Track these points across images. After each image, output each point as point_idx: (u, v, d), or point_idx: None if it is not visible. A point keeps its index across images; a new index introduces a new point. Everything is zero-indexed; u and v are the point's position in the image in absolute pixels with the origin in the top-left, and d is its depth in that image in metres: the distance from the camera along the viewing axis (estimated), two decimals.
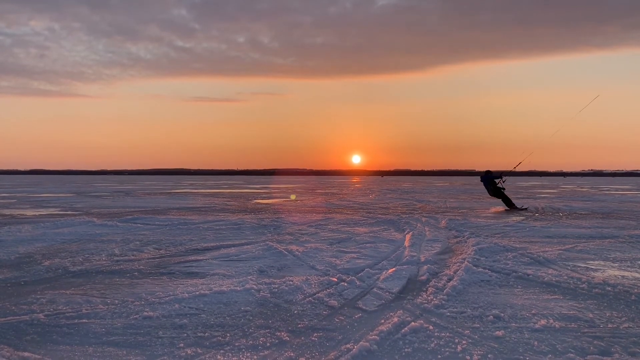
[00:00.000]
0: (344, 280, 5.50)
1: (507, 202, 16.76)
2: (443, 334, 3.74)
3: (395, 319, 4.02)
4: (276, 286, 5.19)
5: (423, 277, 5.72)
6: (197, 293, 4.86)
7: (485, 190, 17.46)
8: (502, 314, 4.25)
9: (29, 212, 15.35)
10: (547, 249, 7.88)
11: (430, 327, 3.87)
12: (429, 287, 5.23)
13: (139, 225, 11.30)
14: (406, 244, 8.41)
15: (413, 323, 3.93)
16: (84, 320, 4.06)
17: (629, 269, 6.35)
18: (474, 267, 6.18)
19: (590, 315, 4.24)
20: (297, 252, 7.39)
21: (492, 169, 17.61)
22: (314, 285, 5.30)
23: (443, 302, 4.65)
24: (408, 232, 9.93)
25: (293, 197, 23.63)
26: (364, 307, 4.50)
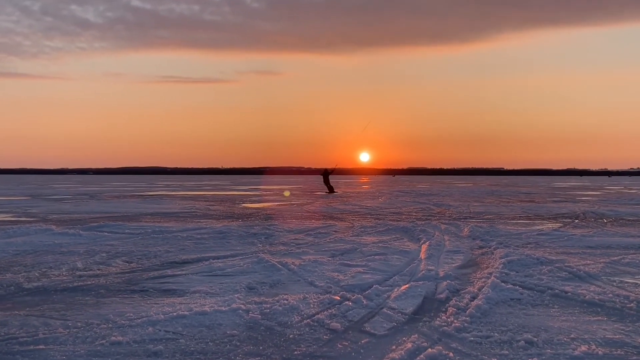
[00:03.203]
0: (348, 299, 5.51)
1: (330, 189, 31.77)
2: None
3: (409, 345, 4.03)
4: (268, 306, 5.20)
5: (442, 295, 5.72)
6: (175, 314, 4.86)
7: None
8: (536, 339, 4.26)
9: None
10: (588, 261, 7.89)
11: (451, 354, 3.88)
12: (449, 306, 5.23)
13: (105, 234, 11.32)
14: (422, 255, 8.42)
15: (430, 349, 3.94)
16: (41, 346, 4.06)
17: None
18: (502, 284, 6.19)
19: None
20: (292, 266, 7.41)
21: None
22: (313, 305, 5.31)
23: (465, 324, 4.66)
24: (424, 242, 9.95)
25: (287, 194, 23.63)
26: (372, 331, 4.51)
